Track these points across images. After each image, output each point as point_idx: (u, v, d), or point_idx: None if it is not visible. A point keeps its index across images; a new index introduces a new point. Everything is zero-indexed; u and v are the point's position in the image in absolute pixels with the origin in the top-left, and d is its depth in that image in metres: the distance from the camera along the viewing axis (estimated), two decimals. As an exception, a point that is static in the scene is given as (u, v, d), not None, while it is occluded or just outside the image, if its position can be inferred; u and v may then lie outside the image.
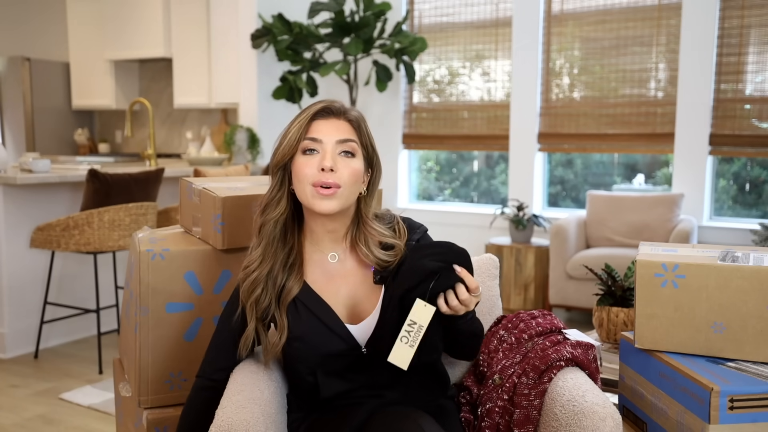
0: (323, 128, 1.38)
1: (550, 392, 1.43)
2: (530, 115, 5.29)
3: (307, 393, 1.43)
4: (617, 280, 2.00)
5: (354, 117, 1.42)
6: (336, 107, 1.41)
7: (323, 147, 1.37)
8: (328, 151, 1.36)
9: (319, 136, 1.37)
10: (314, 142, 1.37)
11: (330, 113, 1.40)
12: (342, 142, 1.38)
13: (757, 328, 1.38)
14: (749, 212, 4.81)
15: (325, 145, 1.37)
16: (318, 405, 1.43)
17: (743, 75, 4.59)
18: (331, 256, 1.45)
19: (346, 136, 1.39)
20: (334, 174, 1.35)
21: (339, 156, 1.38)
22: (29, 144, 6.61)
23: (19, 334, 3.81)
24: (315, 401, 1.43)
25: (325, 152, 1.37)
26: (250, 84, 5.41)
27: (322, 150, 1.37)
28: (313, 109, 1.40)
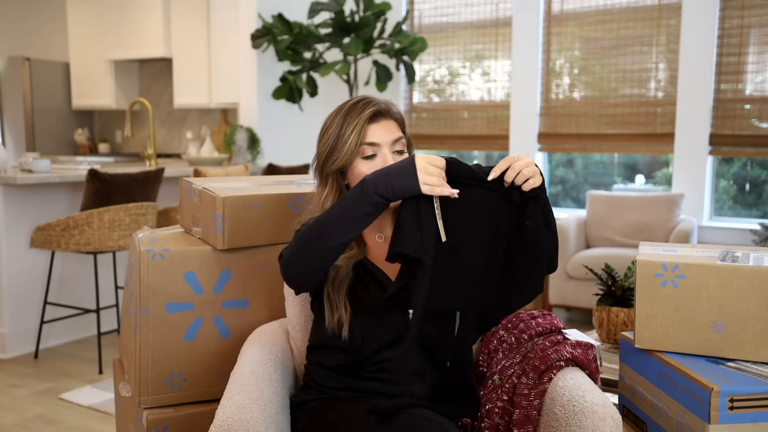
0: (378, 132, 1.45)
1: (550, 392, 1.43)
2: (530, 115, 5.29)
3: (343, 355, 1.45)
4: (617, 280, 2.00)
5: (398, 114, 1.51)
6: (384, 108, 1.47)
7: (381, 150, 1.45)
8: (387, 154, 1.45)
9: (376, 140, 1.44)
10: (373, 146, 1.44)
11: (381, 115, 1.46)
12: (395, 142, 1.46)
13: (757, 328, 1.38)
14: (749, 212, 4.81)
15: (383, 147, 1.45)
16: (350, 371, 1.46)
17: (743, 75, 4.59)
18: (378, 236, 1.51)
19: (397, 135, 1.47)
20: None
21: (393, 155, 1.45)
22: (29, 144, 6.61)
23: (19, 334, 3.81)
24: (346, 368, 1.46)
25: (385, 155, 1.44)
26: (250, 84, 5.41)
27: (380, 153, 1.45)
28: (366, 113, 1.44)
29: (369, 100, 1.46)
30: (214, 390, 1.79)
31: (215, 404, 1.43)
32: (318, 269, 1.37)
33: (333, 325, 1.44)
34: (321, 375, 1.49)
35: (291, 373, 1.62)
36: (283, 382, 1.52)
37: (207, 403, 1.78)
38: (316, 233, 1.34)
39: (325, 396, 1.47)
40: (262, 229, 1.77)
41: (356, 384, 1.46)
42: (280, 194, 1.80)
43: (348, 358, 1.46)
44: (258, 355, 1.54)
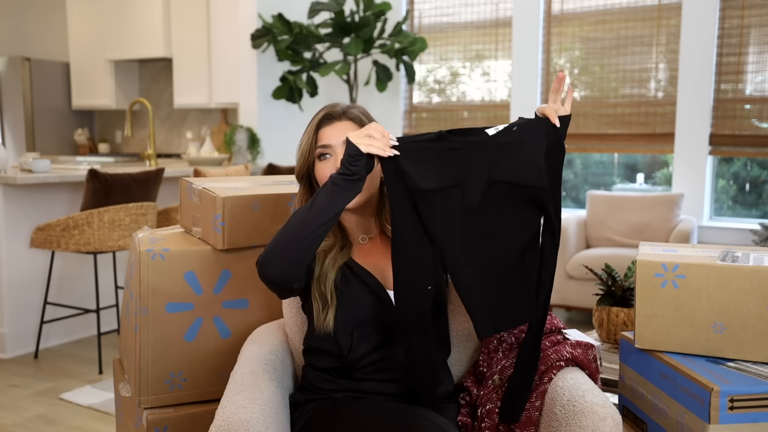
0: (329, 133, 1.49)
1: (550, 392, 1.43)
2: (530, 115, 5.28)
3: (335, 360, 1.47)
4: (617, 280, 2.00)
5: (355, 115, 1.52)
6: (336, 111, 1.51)
7: (334, 150, 1.48)
8: (339, 153, 1.47)
9: (327, 142, 1.49)
10: (325, 148, 1.49)
11: (332, 118, 1.51)
12: None
13: (757, 328, 1.38)
14: (749, 212, 4.81)
15: (335, 148, 1.48)
16: (344, 373, 1.47)
17: (743, 75, 4.59)
18: (361, 238, 1.55)
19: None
20: None
21: None
22: (29, 144, 6.61)
23: (19, 334, 3.81)
24: (340, 370, 1.47)
25: (337, 155, 1.47)
26: (250, 84, 5.41)
27: (334, 153, 1.48)
28: (317, 118, 1.52)
29: (326, 106, 1.53)
30: (214, 390, 1.79)
31: (215, 404, 1.43)
32: (298, 262, 1.35)
33: (320, 325, 1.44)
34: (317, 378, 1.50)
35: (290, 373, 1.62)
36: (282, 382, 1.52)
37: (207, 403, 1.79)
38: (293, 225, 1.35)
39: (322, 397, 1.48)
40: (262, 229, 1.77)
41: (352, 385, 1.47)
42: (280, 194, 1.80)
43: (340, 361, 1.47)
44: (258, 355, 1.54)
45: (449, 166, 1.36)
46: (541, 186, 1.37)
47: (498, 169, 1.37)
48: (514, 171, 1.37)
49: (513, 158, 1.37)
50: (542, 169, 1.38)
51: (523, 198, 1.38)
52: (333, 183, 1.33)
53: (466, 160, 1.36)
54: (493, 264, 1.39)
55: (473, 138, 1.37)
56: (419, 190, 1.34)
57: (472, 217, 1.37)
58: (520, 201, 1.38)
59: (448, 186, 1.36)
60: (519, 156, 1.37)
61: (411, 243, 1.36)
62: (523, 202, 1.38)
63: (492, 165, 1.37)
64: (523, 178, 1.37)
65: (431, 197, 1.35)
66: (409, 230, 1.35)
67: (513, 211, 1.38)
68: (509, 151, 1.37)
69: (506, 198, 1.38)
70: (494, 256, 1.39)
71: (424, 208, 1.35)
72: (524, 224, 1.40)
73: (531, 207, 1.39)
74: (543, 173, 1.38)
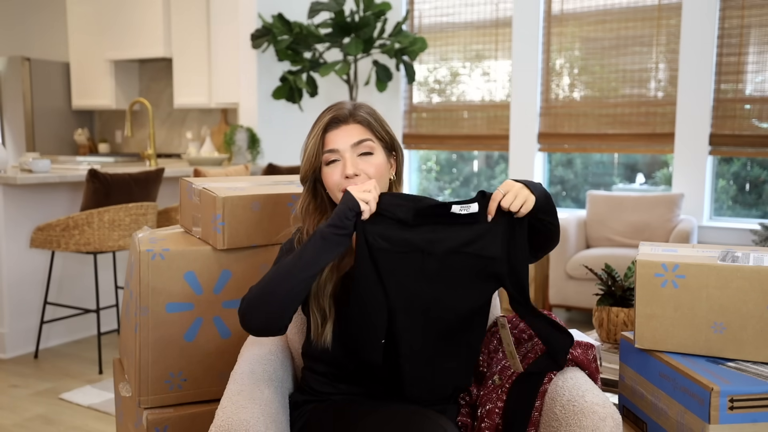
0: (336, 138, 1.45)
1: (550, 392, 1.43)
2: (530, 115, 5.29)
3: (333, 367, 1.47)
4: (617, 280, 2.00)
5: (362, 117, 1.48)
6: (343, 114, 1.47)
7: (342, 155, 1.45)
8: (348, 158, 1.44)
9: (334, 147, 1.45)
10: (332, 153, 1.45)
11: (339, 121, 1.46)
12: (357, 145, 1.45)
13: (757, 328, 1.38)
14: (749, 212, 4.81)
15: (343, 152, 1.44)
16: (341, 378, 1.47)
17: (743, 75, 4.59)
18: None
19: (359, 138, 1.45)
20: (359, 177, 1.43)
21: (359, 158, 1.45)
22: (29, 144, 6.61)
23: (19, 334, 3.81)
24: (338, 376, 1.47)
25: (345, 159, 1.44)
26: (250, 84, 5.41)
27: (341, 158, 1.45)
28: (323, 121, 1.47)
29: (332, 107, 1.49)
30: (214, 390, 1.79)
31: (215, 404, 1.43)
32: (281, 313, 1.34)
33: (318, 338, 1.43)
34: (315, 381, 1.49)
35: (290, 373, 1.62)
36: (282, 382, 1.52)
37: (207, 403, 1.79)
38: (276, 279, 1.34)
39: (321, 399, 1.48)
40: (262, 229, 1.77)
41: (351, 389, 1.46)
42: (280, 194, 1.80)
43: (338, 369, 1.46)
44: (258, 355, 1.54)
45: (414, 235, 1.39)
46: (496, 256, 1.41)
47: (458, 238, 1.40)
48: (472, 241, 1.40)
49: (473, 232, 1.41)
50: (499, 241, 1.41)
51: (479, 268, 1.41)
52: (322, 237, 1.32)
53: (430, 231, 1.39)
54: (438, 332, 1.42)
55: (440, 212, 1.39)
56: (382, 249, 1.37)
57: (427, 282, 1.40)
58: (475, 270, 1.41)
59: (409, 251, 1.39)
60: (483, 233, 1.41)
61: (367, 297, 1.38)
62: (478, 273, 1.42)
63: (453, 234, 1.40)
64: (480, 249, 1.41)
65: (392, 257, 1.38)
66: (367, 285, 1.37)
67: (468, 280, 1.41)
68: (469, 227, 1.41)
69: (462, 267, 1.40)
70: (441, 323, 1.42)
71: (384, 266, 1.37)
72: (478, 295, 1.44)
73: (485, 278, 1.43)
74: (499, 245, 1.41)
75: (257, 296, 1.35)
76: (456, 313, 1.42)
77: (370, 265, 1.37)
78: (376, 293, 1.38)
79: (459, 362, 1.46)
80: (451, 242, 1.40)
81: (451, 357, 1.44)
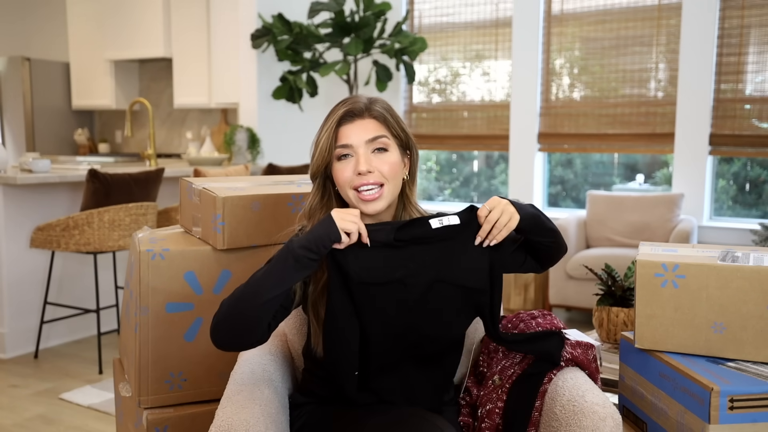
0: (350, 132, 1.39)
1: (550, 392, 1.43)
2: (530, 115, 5.29)
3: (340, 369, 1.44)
4: (617, 280, 2.00)
5: (378, 112, 1.42)
6: (358, 108, 1.41)
7: (355, 150, 1.39)
8: (361, 154, 1.39)
9: (348, 142, 1.39)
10: (345, 148, 1.39)
11: (354, 115, 1.40)
12: (372, 141, 1.40)
13: (757, 328, 1.38)
14: (749, 212, 4.81)
15: (356, 148, 1.39)
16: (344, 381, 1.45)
17: (743, 75, 4.59)
18: None
19: (374, 134, 1.40)
20: (373, 174, 1.38)
21: (373, 154, 1.40)
22: (29, 144, 6.61)
23: (19, 334, 3.81)
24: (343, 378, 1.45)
25: (358, 155, 1.39)
26: (250, 84, 5.41)
27: (354, 153, 1.39)
28: (337, 114, 1.40)
29: (347, 100, 1.42)
30: (214, 390, 1.79)
31: (215, 404, 1.42)
32: (250, 329, 1.30)
33: (317, 348, 1.43)
34: (315, 383, 1.49)
35: (290, 373, 1.62)
36: (282, 382, 1.52)
37: (207, 403, 1.79)
38: (247, 293, 1.30)
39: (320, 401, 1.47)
40: (262, 229, 1.77)
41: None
42: (280, 194, 1.80)
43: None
44: (258, 355, 1.54)
45: (393, 263, 1.36)
46: (478, 288, 1.40)
47: (440, 268, 1.38)
48: (453, 271, 1.38)
49: (454, 258, 1.38)
50: (482, 270, 1.40)
51: (460, 299, 1.40)
52: (294, 258, 1.27)
53: (411, 259, 1.36)
54: (412, 355, 1.41)
55: (419, 231, 1.36)
56: (362, 283, 1.34)
57: (408, 313, 1.37)
58: (456, 302, 1.40)
59: (390, 281, 1.36)
60: (460, 256, 1.38)
61: (342, 330, 1.36)
62: (458, 303, 1.40)
63: (434, 262, 1.37)
64: (461, 280, 1.39)
65: (370, 289, 1.35)
66: (343, 318, 1.35)
67: (448, 312, 1.40)
68: (450, 250, 1.38)
69: (443, 298, 1.39)
70: (413, 350, 1.41)
71: (361, 299, 1.35)
72: (459, 324, 1.44)
73: (467, 310, 1.42)
74: (484, 275, 1.40)
75: (227, 314, 1.31)
76: (434, 340, 1.42)
77: (344, 298, 1.35)
78: (349, 324, 1.36)
79: (433, 384, 1.46)
80: (433, 271, 1.37)
81: (424, 380, 1.44)
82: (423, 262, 1.37)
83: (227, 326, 1.31)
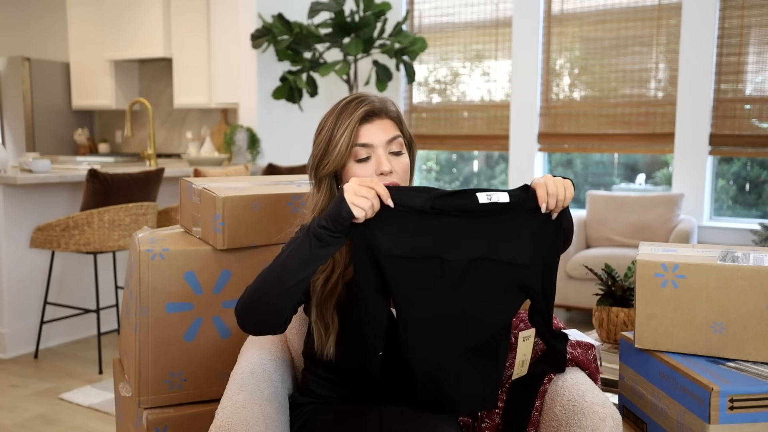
0: (371, 132, 1.37)
1: (550, 392, 1.43)
2: (530, 115, 5.29)
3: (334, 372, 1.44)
4: (617, 280, 2.00)
5: (394, 111, 1.42)
6: (378, 107, 1.39)
7: (375, 151, 1.37)
8: (382, 155, 1.37)
9: (370, 141, 1.37)
10: (366, 148, 1.37)
11: (374, 114, 1.39)
12: (391, 142, 1.39)
13: (757, 328, 1.38)
14: (749, 212, 4.81)
15: (377, 148, 1.37)
16: (342, 383, 1.44)
17: (743, 75, 4.59)
18: None
19: (392, 135, 1.39)
20: (391, 175, 1.37)
21: (390, 156, 1.39)
22: (29, 144, 6.61)
23: (19, 334, 3.81)
24: (339, 382, 1.44)
25: (379, 156, 1.37)
26: (250, 84, 5.41)
27: (374, 154, 1.37)
28: (358, 113, 1.37)
29: (363, 99, 1.39)
30: (214, 390, 1.79)
31: (215, 404, 1.42)
32: (275, 313, 1.28)
33: (321, 349, 1.40)
34: (315, 384, 1.48)
35: (290, 373, 1.62)
36: (282, 382, 1.52)
37: (207, 403, 1.78)
38: (270, 278, 1.27)
39: (320, 401, 1.47)
40: (262, 229, 1.77)
41: (350, 394, 1.45)
42: (280, 194, 1.80)
43: (338, 373, 1.45)
44: (258, 355, 1.54)
45: (429, 237, 1.25)
46: (527, 264, 1.30)
47: (483, 244, 1.27)
48: (499, 248, 1.28)
49: (500, 235, 1.28)
50: (529, 248, 1.30)
51: (507, 278, 1.30)
52: (317, 238, 1.22)
53: (448, 232, 1.26)
54: (457, 345, 1.30)
55: (462, 202, 1.26)
56: (391, 256, 1.24)
57: (448, 293, 1.27)
58: (504, 281, 1.30)
59: (426, 257, 1.26)
60: (507, 233, 1.29)
61: (366, 308, 1.28)
62: (506, 283, 1.30)
63: (476, 238, 1.27)
64: (509, 256, 1.29)
65: (404, 265, 1.25)
66: (370, 295, 1.26)
67: (493, 291, 1.30)
68: (497, 227, 1.28)
69: (488, 276, 1.28)
70: (460, 337, 1.30)
71: (392, 276, 1.25)
72: (508, 307, 1.32)
73: (514, 288, 1.31)
74: (529, 251, 1.30)
75: (252, 297, 1.29)
76: (482, 327, 1.31)
77: (373, 273, 1.25)
78: (377, 303, 1.27)
79: (485, 381, 1.34)
80: (475, 248, 1.27)
81: (473, 375, 1.33)
82: (462, 237, 1.26)
83: (254, 311, 1.29)
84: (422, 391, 1.32)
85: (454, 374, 1.31)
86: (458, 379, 1.32)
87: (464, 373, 1.32)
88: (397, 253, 1.24)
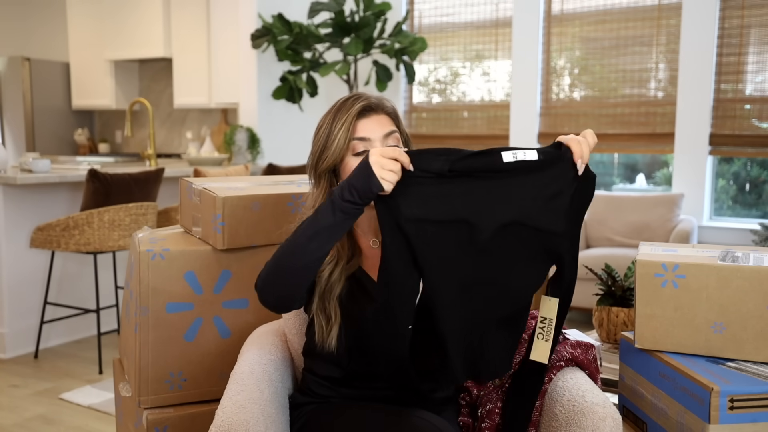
0: (368, 126, 1.40)
1: (550, 392, 1.43)
2: (530, 115, 5.29)
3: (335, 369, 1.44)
4: (617, 280, 2.00)
5: (391, 107, 1.45)
6: (374, 102, 1.42)
7: (372, 145, 1.39)
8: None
9: (367, 135, 1.39)
10: (363, 141, 1.39)
11: (371, 110, 1.41)
12: (388, 136, 1.41)
13: (757, 328, 1.38)
14: (749, 212, 4.81)
15: (374, 142, 1.39)
16: (343, 382, 1.44)
17: (743, 75, 4.59)
18: (372, 242, 1.45)
19: (389, 129, 1.42)
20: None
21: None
22: (29, 144, 6.61)
23: (19, 334, 3.81)
24: (339, 380, 1.44)
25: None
26: (250, 84, 5.41)
27: (372, 148, 1.37)
28: (355, 108, 1.40)
29: (359, 96, 1.42)
30: (214, 390, 1.79)
31: (215, 404, 1.42)
32: (297, 287, 1.30)
33: (322, 342, 1.40)
34: (315, 384, 1.48)
35: (290, 373, 1.62)
36: (282, 382, 1.52)
37: (207, 403, 1.79)
38: (291, 250, 1.28)
39: (321, 401, 1.47)
40: (262, 229, 1.77)
41: (351, 393, 1.45)
42: (280, 194, 1.80)
43: (339, 371, 1.45)
44: (258, 355, 1.53)
45: (455, 199, 1.21)
46: (559, 231, 1.24)
47: (513, 208, 1.21)
48: (531, 212, 1.22)
49: (531, 198, 1.22)
50: (562, 213, 1.23)
51: (538, 243, 1.25)
52: (342, 211, 1.23)
53: (475, 194, 1.21)
54: (484, 312, 1.27)
55: (485, 162, 1.20)
56: (416, 220, 1.20)
57: (476, 259, 1.23)
58: (534, 246, 1.25)
59: (452, 221, 1.21)
60: (538, 196, 1.22)
61: (396, 280, 1.23)
62: (536, 249, 1.25)
63: (506, 202, 1.21)
64: (541, 222, 1.23)
65: (429, 228, 1.21)
66: (397, 264, 1.22)
67: (524, 257, 1.25)
68: (528, 188, 1.22)
69: (519, 242, 1.23)
70: (489, 303, 1.27)
71: (419, 240, 1.20)
72: (535, 274, 1.28)
73: (544, 254, 1.27)
74: (562, 217, 1.23)
75: (272, 271, 1.30)
76: (508, 294, 1.28)
77: (399, 241, 1.20)
78: (408, 275, 1.22)
79: (505, 347, 1.33)
80: (505, 213, 1.21)
81: (496, 341, 1.31)
82: (490, 200, 1.21)
83: (274, 286, 1.30)
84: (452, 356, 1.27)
85: (478, 338, 1.28)
86: (482, 341, 1.29)
87: (490, 337, 1.29)
88: (421, 216, 1.20)
